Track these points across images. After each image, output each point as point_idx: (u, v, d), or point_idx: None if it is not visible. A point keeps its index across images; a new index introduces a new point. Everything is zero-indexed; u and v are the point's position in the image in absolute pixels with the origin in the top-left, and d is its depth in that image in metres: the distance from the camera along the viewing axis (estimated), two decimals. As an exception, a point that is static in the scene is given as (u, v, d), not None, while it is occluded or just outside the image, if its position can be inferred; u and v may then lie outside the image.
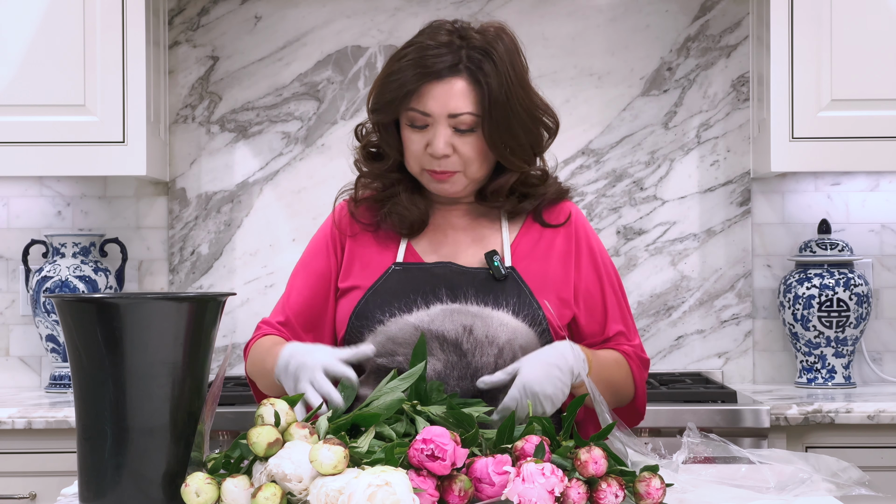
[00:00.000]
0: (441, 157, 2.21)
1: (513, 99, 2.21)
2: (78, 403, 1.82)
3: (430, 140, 2.21)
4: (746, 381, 3.68)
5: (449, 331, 2.18)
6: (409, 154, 2.25)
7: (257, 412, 1.82)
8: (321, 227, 2.38)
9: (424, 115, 2.21)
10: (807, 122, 3.34)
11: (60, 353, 3.55)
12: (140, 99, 3.34)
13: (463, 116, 2.20)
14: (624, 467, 1.81)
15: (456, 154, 2.22)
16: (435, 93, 2.20)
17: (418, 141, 2.22)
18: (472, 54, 2.21)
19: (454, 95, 2.20)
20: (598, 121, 3.68)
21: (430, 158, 2.22)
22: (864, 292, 3.53)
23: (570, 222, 2.32)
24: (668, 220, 3.69)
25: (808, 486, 1.87)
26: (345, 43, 3.69)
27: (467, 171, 2.24)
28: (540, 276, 2.26)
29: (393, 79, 2.22)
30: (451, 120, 2.20)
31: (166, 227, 3.69)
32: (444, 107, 2.20)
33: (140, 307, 1.78)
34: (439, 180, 2.24)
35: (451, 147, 2.21)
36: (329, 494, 1.68)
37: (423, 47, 2.22)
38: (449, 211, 2.33)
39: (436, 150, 2.20)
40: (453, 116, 2.20)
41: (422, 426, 1.85)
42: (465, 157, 2.22)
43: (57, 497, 2.01)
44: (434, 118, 2.20)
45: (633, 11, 3.68)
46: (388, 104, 2.23)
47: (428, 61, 2.20)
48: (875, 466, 2.99)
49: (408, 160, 2.26)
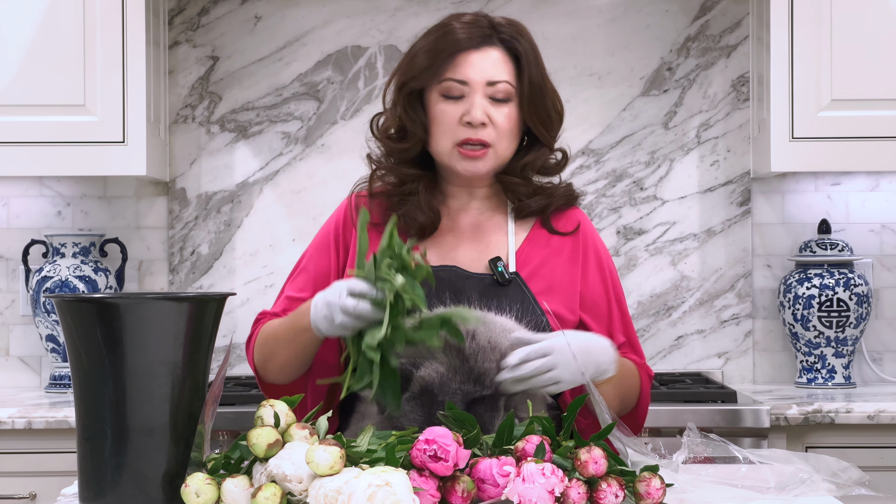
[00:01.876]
0: (479, 124, 2.20)
1: (543, 73, 2.25)
2: (78, 403, 1.82)
3: (466, 109, 2.20)
4: (746, 381, 3.68)
5: None
6: (440, 129, 2.23)
7: (257, 413, 1.82)
8: (329, 219, 2.36)
9: (461, 84, 2.21)
10: (807, 122, 3.34)
11: (60, 353, 3.55)
12: (140, 99, 3.34)
13: (500, 84, 2.21)
14: (624, 467, 1.82)
15: (491, 125, 2.21)
16: (472, 60, 2.21)
17: (452, 112, 2.21)
18: (502, 29, 2.24)
19: (491, 63, 2.21)
20: (598, 121, 3.68)
21: (464, 129, 2.21)
22: (864, 292, 3.53)
23: (579, 231, 2.32)
24: (668, 220, 3.69)
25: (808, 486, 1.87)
26: (345, 43, 3.69)
27: (498, 147, 2.23)
28: (545, 283, 2.25)
29: (429, 48, 2.22)
30: (488, 88, 2.20)
31: (166, 227, 3.69)
32: (483, 74, 2.20)
33: (140, 307, 1.78)
34: (472, 157, 2.22)
35: (486, 117, 2.20)
36: (328, 495, 1.68)
37: (452, 25, 2.23)
38: (457, 214, 2.31)
39: (474, 116, 2.19)
40: (491, 84, 2.20)
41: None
42: (499, 129, 2.22)
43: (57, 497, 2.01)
44: (471, 86, 2.20)
45: (633, 11, 3.68)
46: (425, 71, 2.22)
47: (462, 33, 2.21)
48: (875, 466, 2.99)
49: (438, 137, 2.24)
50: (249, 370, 3.66)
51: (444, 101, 2.22)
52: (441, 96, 2.22)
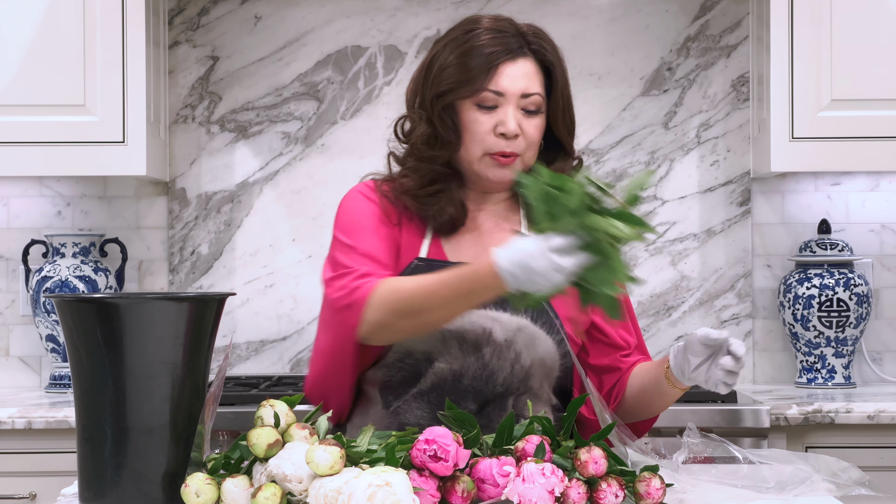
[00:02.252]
0: (513, 136, 2.21)
1: (567, 84, 2.28)
2: (78, 403, 1.82)
3: (500, 120, 2.21)
4: (746, 381, 3.68)
5: (468, 332, 2.17)
6: (472, 137, 2.23)
7: (257, 413, 1.82)
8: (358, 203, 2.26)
9: (497, 95, 2.21)
10: (807, 122, 3.34)
11: (60, 353, 3.55)
12: (140, 99, 3.34)
13: (533, 97, 2.22)
14: (624, 467, 1.82)
15: (522, 135, 2.22)
16: (509, 72, 2.22)
17: (486, 122, 2.22)
18: (530, 39, 2.26)
19: (525, 75, 2.23)
20: (598, 121, 3.68)
21: (496, 140, 2.21)
22: (864, 292, 3.53)
23: None
24: (668, 220, 3.69)
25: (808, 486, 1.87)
26: (345, 43, 3.69)
27: (525, 156, 2.24)
28: None
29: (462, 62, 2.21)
30: (522, 100, 2.22)
31: (166, 227, 3.69)
32: (517, 86, 2.21)
33: (140, 307, 1.78)
34: (503, 164, 2.22)
35: (519, 129, 2.22)
36: (328, 495, 1.68)
37: (479, 34, 2.23)
38: (474, 215, 2.30)
39: (509, 129, 2.20)
40: (525, 97, 2.22)
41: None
42: (529, 139, 2.23)
43: (57, 497, 2.01)
44: (506, 98, 2.21)
45: (633, 11, 3.68)
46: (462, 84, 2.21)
47: (494, 44, 2.22)
48: (875, 466, 2.99)
49: (469, 145, 2.23)
50: (249, 370, 3.67)
51: (477, 110, 2.22)
52: (475, 106, 2.22)
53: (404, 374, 2.20)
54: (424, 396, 2.18)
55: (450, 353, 2.16)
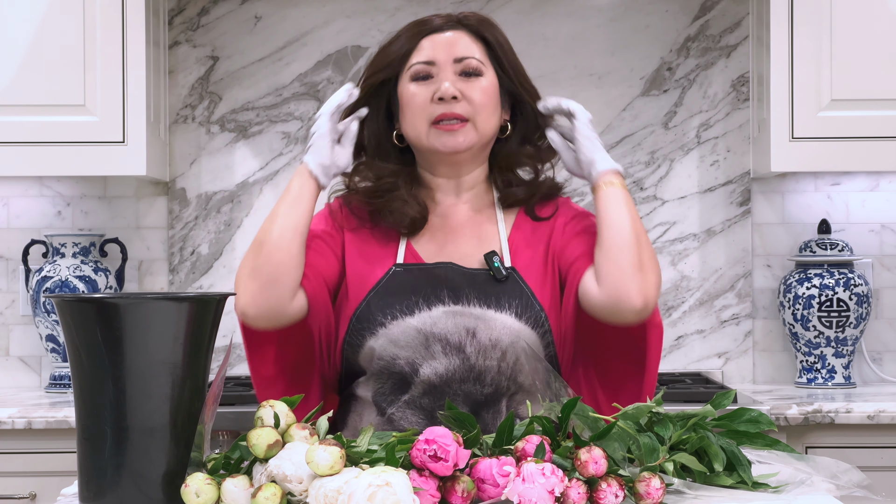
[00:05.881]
0: (450, 97, 2.19)
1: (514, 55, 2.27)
2: (78, 403, 1.82)
3: (436, 88, 2.21)
4: (746, 381, 3.68)
5: (452, 333, 2.17)
6: (412, 112, 2.22)
7: (257, 414, 1.82)
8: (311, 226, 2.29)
9: (428, 65, 2.22)
10: (807, 122, 3.34)
11: (60, 353, 3.55)
12: (140, 99, 3.35)
13: (468, 60, 2.22)
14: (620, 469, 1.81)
15: (465, 99, 2.21)
16: (436, 41, 2.23)
17: (423, 93, 2.21)
18: (459, 17, 2.27)
19: (457, 42, 2.23)
20: (597, 121, 3.65)
21: (436, 106, 2.20)
22: (864, 292, 3.53)
23: (557, 213, 2.32)
24: (668, 220, 3.69)
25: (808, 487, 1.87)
26: (345, 43, 3.69)
27: (476, 121, 2.21)
28: (539, 274, 2.24)
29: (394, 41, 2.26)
30: (456, 65, 2.22)
31: (166, 227, 3.69)
32: (448, 52, 2.22)
33: (140, 307, 1.78)
34: (449, 131, 2.21)
35: (458, 91, 2.20)
36: (328, 495, 1.68)
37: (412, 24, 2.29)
38: (447, 210, 2.29)
39: (442, 89, 2.19)
40: (459, 60, 2.22)
41: None
42: (475, 103, 2.21)
43: (57, 497, 2.01)
44: (439, 65, 2.21)
45: (633, 11, 3.68)
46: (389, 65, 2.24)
47: (423, 23, 2.26)
48: (875, 466, 2.99)
49: (412, 120, 2.23)
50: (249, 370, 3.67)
51: (413, 84, 2.23)
52: (411, 81, 2.23)
53: (393, 382, 2.19)
54: (416, 402, 2.17)
55: (434, 357, 2.15)
